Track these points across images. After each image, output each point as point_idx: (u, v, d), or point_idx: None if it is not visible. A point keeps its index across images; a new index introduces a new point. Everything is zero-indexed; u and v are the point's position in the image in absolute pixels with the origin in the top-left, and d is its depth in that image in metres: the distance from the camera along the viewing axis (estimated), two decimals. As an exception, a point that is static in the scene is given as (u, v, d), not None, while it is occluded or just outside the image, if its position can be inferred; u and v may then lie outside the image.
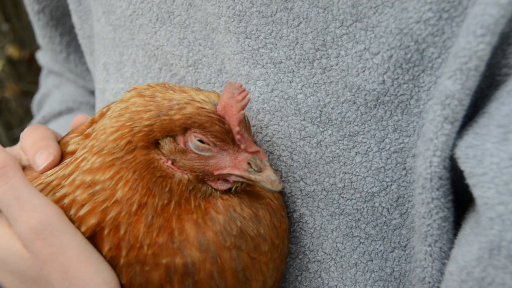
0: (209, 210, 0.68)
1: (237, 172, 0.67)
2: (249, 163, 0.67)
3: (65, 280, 0.64)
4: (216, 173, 0.68)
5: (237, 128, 0.66)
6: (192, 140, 0.66)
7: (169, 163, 0.67)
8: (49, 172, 0.71)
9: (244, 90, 0.66)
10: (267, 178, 0.66)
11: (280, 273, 0.76)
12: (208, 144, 0.66)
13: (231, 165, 0.67)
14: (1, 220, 0.66)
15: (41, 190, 0.68)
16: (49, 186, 0.68)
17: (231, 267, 0.67)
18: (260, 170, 0.66)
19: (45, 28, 1.24)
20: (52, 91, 1.42)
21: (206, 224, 0.67)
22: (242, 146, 0.67)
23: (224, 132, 0.66)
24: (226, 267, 0.67)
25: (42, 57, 1.46)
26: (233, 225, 0.68)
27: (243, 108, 0.66)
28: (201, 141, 0.66)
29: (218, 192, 0.70)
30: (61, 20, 1.21)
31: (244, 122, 0.68)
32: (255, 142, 0.70)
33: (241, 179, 0.68)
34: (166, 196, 0.66)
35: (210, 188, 0.69)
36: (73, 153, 0.73)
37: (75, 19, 1.08)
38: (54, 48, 1.29)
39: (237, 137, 0.66)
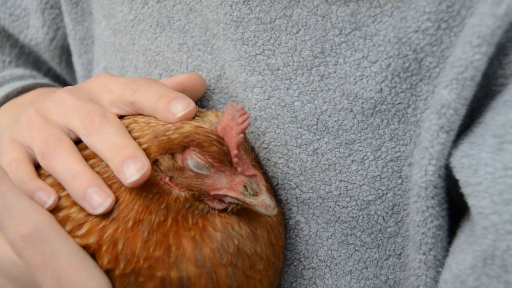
0: (207, 227, 0.68)
1: (232, 194, 0.68)
2: (245, 186, 0.67)
3: (58, 286, 0.64)
4: (212, 193, 0.68)
5: (235, 151, 0.66)
6: (191, 158, 0.67)
7: (167, 179, 0.68)
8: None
9: (245, 113, 0.66)
10: (262, 203, 0.66)
11: (274, 286, 0.77)
12: (206, 164, 0.67)
13: (227, 186, 0.68)
14: None
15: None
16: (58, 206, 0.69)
17: (226, 284, 0.67)
18: (256, 194, 0.67)
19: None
20: None
21: (204, 240, 0.67)
22: (239, 169, 0.67)
23: (222, 154, 0.66)
24: (221, 283, 0.67)
25: None
26: (230, 243, 0.68)
27: (243, 131, 0.66)
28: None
29: (216, 211, 0.70)
30: None
31: (244, 144, 0.69)
32: (254, 165, 0.72)
33: (236, 201, 0.68)
34: (162, 213, 0.67)
35: (207, 206, 0.70)
36: None
37: (67, 20, 1.07)
38: None
39: (235, 160, 0.66)
